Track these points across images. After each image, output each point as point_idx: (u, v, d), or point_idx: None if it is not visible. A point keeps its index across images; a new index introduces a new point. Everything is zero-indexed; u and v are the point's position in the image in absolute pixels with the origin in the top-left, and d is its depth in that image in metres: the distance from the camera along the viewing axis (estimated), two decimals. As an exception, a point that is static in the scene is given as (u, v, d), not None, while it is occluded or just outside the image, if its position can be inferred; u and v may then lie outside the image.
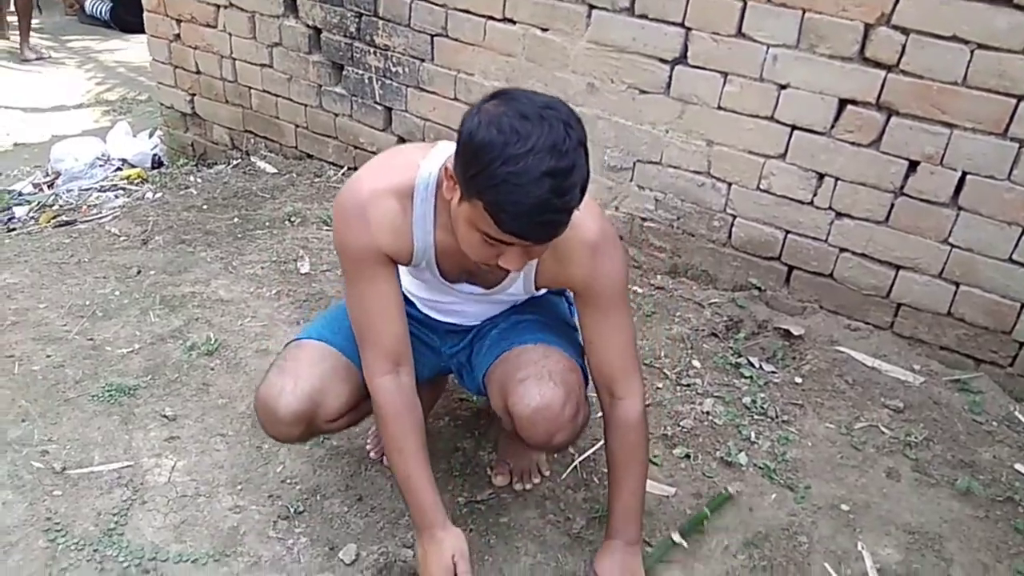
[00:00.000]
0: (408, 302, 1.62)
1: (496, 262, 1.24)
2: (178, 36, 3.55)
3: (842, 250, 2.35)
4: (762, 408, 2.11)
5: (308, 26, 3.14)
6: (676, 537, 1.67)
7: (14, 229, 3.22)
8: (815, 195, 2.32)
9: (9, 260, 2.70)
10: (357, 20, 3.00)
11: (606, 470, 1.56)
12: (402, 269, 1.49)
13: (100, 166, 3.96)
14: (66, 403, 1.99)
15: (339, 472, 1.84)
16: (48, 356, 2.15)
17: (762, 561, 1.69)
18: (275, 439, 1.57)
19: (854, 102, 2.17)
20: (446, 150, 1.35)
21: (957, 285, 2.21)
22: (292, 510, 1.72)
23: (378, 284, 1.41)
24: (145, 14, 3.63)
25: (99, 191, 3.60)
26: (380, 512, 1.74)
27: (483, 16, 2.67)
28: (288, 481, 1.80)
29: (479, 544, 1.68)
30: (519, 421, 1.47)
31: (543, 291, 1.58)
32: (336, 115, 3.25)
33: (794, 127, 2.28)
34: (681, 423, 2.06)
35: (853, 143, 2.21)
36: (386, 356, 1.43)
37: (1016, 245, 2.10)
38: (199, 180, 3.40)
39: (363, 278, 1.40)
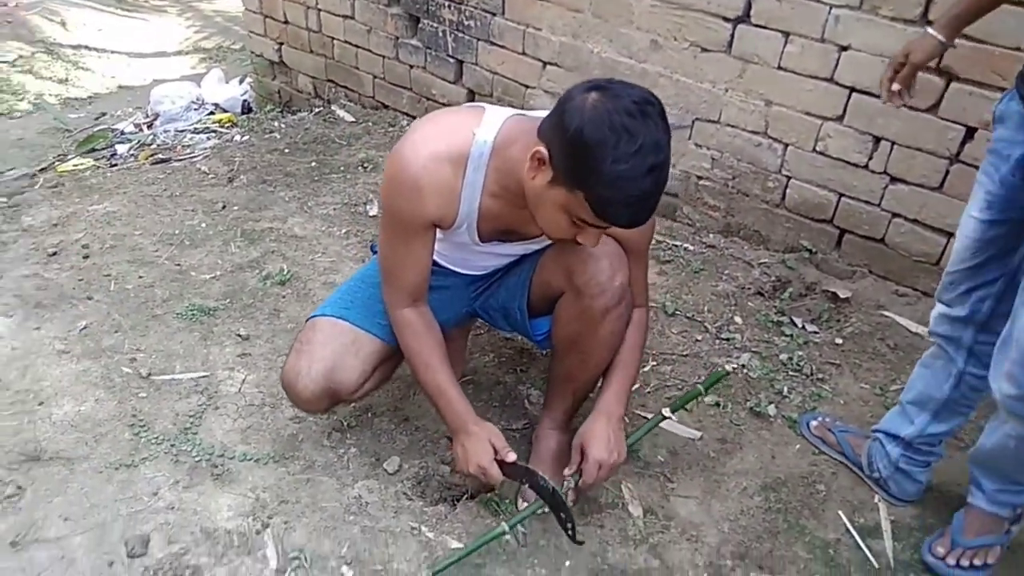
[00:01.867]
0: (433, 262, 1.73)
1: (574, 238, 1.36)
2: (269, -14, 3.74)
3: (895, 215, 2.36)
4: (798, 365, 2.17)
5: (388, -21, 3.27)
6: (666, 412, 1.75)
7: (116, 165, 3.50)
8: (870, 159, 2.33)
9: (110, 191, 2.96)
10: (434, -26, 3.11)
11: (632, 410, 1.66)
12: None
13: (195, 109, 4.23)
14: (154, 319, 2.22)
15: (390, 395, 2.01)
16: (140, 277, 2.39)
17: (777, 504, 1.77)
18: (307, 413, 1.73)
19: (915, 66, 2.17)
20: (497, 117, 1.44)
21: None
22: (345, 424, 1.90)
23: (414, 244, 1.52)
24: (239, -35, 3.83)
25: (193, 133, 3.86)
26: (423, 432, 1.90)
27: (553, -28, 2.74)
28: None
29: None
30: (581, 263, 1.52)
31: None
32: (411, 67, 3.38)
33: (853, 89, 2.29)
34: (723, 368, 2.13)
35: (911, 107, 2.20)
36: (408, 295, 1.57)
37: (1072, 217, 2.07)
38: (283, 126, 3.61)
39: (402, 237, 1.51)
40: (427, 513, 1.70)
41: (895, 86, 1.70)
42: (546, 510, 1.59)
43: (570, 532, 1.54)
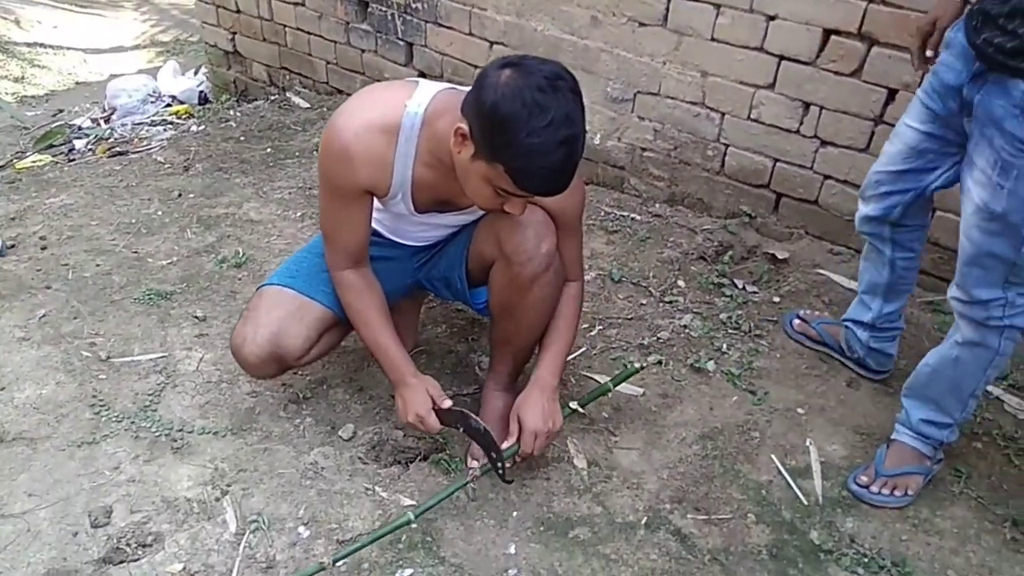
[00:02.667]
0: (374, 231, 1.80)
1: (501, 207, 1.45)
2: (219, -23, 3.77)
3: (826, 177, 2.46)
4: (736, 323, 2.27)
5: (335, -35, 3.32)
6: (573, 405, 1.82)
7: (73, 160, 3.53)
8: (801, 124, 2.43)
9: (67, 184, 3.00)
10: (380, -41, 3.16)
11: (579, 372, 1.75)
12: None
13: (152, 102, 4.24)
14: (112, 304, 2.27)
15: (344, 367, 2.08)
16: (98, 265, 2.44)
17: (714, 451, 1.87)
18: (255, 377, 1.80)
19: (838, 32, 2.26)
20: (428, 90, 1.52)
21: (934, 211, 2.31)
22: (301, 396, 1.97)
23: (350, 210, 1.60)
24: (188, -44, 3.84)
25: (150, 125, 3.88)
26: (377, 400, 1.98)
27: (494, -47, 2.80)
28: (299, 373, 2.04)
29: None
30: (509, 232, 1.59)
31: None
32: (363, 51, 3.43)
33: (782, 57, 2.38)
34: (659, 335, 2.23)
35: (836, 72, 2.30)
36: (348, 256, 1.65)
37: (988, 171, 2.18)
38: (238, 114, 3.65)
39: (339, 202, 1.59)
40: (381, 475, 1.78)
41: (928, 52, 1.70)
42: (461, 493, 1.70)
43: (500, 472, 1.64)
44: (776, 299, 2.38)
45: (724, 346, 2.19)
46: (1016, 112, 1.40)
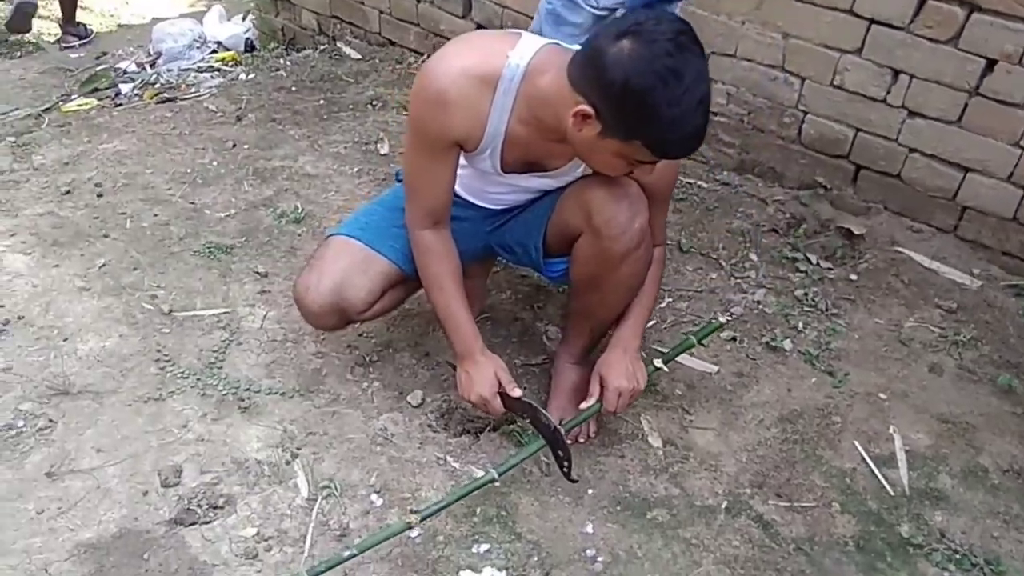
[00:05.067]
0: None
1: (630, 174, 1.41)
2: (270, -81, 3.64)
3: (911, 150, 2.34)
4: (813, 301, 2.19)
5: (395, -90, 3.19)
6: (658, 363, 1.75)
7: (120, 104, 3.46)
8: (888, 92, 2.31)
9: (118, 130, 2.94)
10: (443, -96, 3.03)
11: (649, 346, 1.69)
12: None
13: (197, 48, 4.15)
14: (171, 256, 2.22)
15: (410, 331, 2.03)
16: (155, 215, 2.39)
17: (794, 435, 1.81)
18: (317, 328, 1.74)
19: (937, -4, 2.13)
20: (532, 43, 1.43)
21: (1025, 195, 2.20)
22: (367, 359, 1.93)
23: (438, 163, 1.52)
24: None
25: (196, 71, 3.79)
26: (445, 367, 1.92)
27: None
28: (364, 335, 2.00)
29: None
30: (600, 204, 1.50)
31: None
32: (418, 1, 3.31)
33: (872, 21, 2.25)
34: (731, 310, 2.15)
35: (931, 39, 2.18)
36: (428, 214, 1.58)
37: (1092, 151, 2.07)
38: (288, 63, 3.55)
39: (426, 154, 1.51)
40: (451, 444, 1.74)
41: None
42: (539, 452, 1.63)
43: (566, 470, 1.57)
44: (853, 276, 2.28)
45: (800, 324, 2.11)
46: None
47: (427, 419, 1.79)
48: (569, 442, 1.61)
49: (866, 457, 1.76)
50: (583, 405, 1.64)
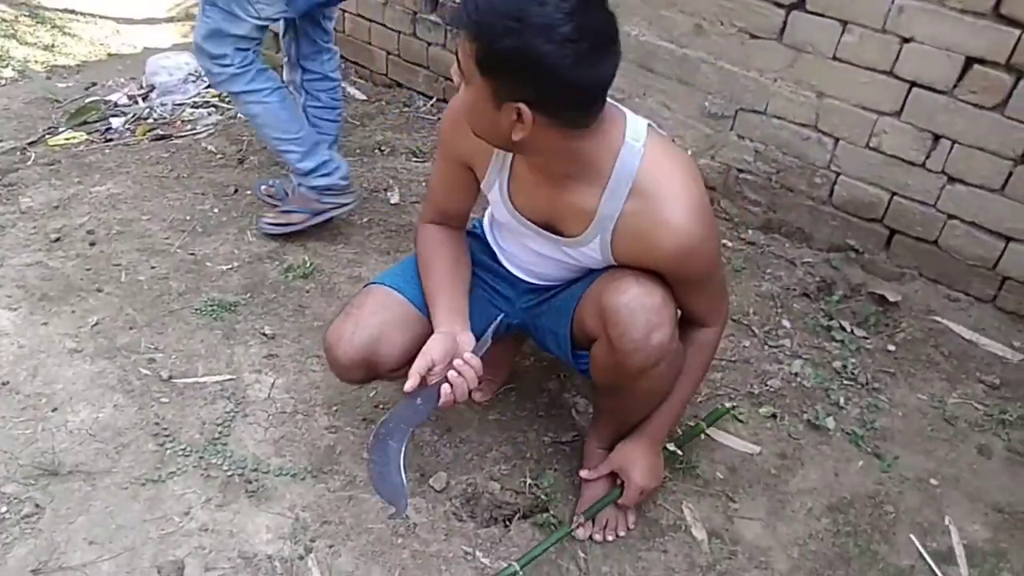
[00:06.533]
0: (489, 251, 1.66)
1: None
2: (275, -46, 3.53)
3: (951, 217, 2.26)
4: (852, 374, 2.07)
5: (408, -50, 3.09)
6: (671, 447, 1.70)
7: (111, 139, 3.30)
8: (928, 157, 2.22)
9: (111, 171, 2.78)
10: (458, -54, 2.94)
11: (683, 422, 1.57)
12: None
13: (192, 82, 4.00)
14: (170, 314, 2.07)
15: (429, 402, 1.88)
16: (152, 268, 2.23)
17: (846, 527, 1.68)
18: (341, 380, 1.62)
19: (982, 61, 2.05)
20: None
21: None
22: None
23: (451, 175, 1.53)
24: (244, -70, 3.61)
25: (192, 107, 3.65)
26: (468, 444, 1.78)
27: (591, -51, 2.58)
28: (381, 406, 1.85)
29: (564, 484, 1.72)
30: (615, 314, 1.36)
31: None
32: (429, 44, 3.21)
33: (914, 84, 2.17)
34: (768, 382, 2.04)
35: (976, 105, 2.10)
36: (438, 212, 1.59)
37: None
38: (290, 102, 3.42)
39: (443, 159, 1.54)
40: (480, 536, 1.59)
41: None
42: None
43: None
44: (891, 347, 2.18)
45: (841, 399, 2.00)
46: None
47: (452, 505, 1.64)
48: (610, 538, 1.58)
49: (924, 553, 1.64)
50: (602, 494, 1.62)
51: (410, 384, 1.38)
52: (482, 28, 1.13)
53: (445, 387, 1.41)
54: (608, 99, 1.27)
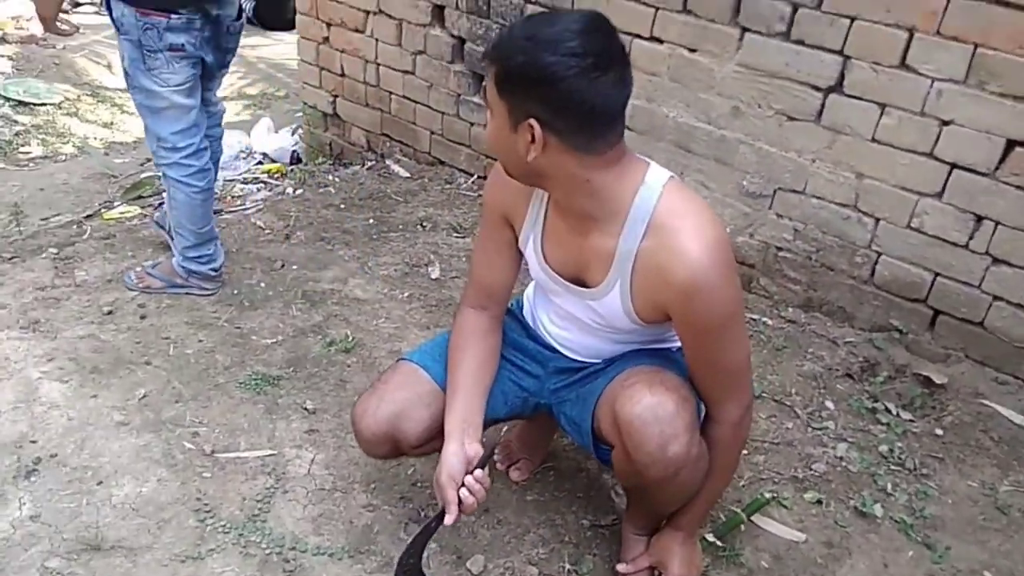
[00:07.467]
0: (523, 327, 1.67)
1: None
2: (327, 39, 3.70)
3: (996, 298, 2.23)
4: (899, 458, 2.02)
5: (453, 36, 3.21)
6: (710, 537, 1.71)
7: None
8: (971, 238, 2.21)
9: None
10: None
11: (727, 507, 1.54)
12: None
13: (243, 159, 4.16)
14: (216, 388, 2.11)
15: (467, 481, 1.87)
16: (200, 341, 2.29)
17: (898, 622, 1.62)
18: (367, 455, 1.65)
19: (1024, 144, 2.06)
20: None
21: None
22: (422, 515, 1.77)
23: (492, 239, 1.55)
24: (297, 16, 3.80)
25: (242, 183, 3.78)
26: (506, 526, 1.77)
27: (630, 34, 2.66)
28: (419, 484, 1.85)
29: (603, 570, 1.69)
30: (627, 425, 1.35)
31: (650, 325, 1.45)
32: (472, 124, 3.31)
33: (954, 165, 2.18)
34: (813, 466, 1.99)
35: (1019, 187, 2.09)
36: (479, 291, 1.58)
37: None
38: (336, 179, 3.53)
39: (485, 229, 1.57)
40: (519, 623, 1.56)
41: None
42: None
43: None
44: (938, 431, 2.13)
45: (888, 486, 1.94)
46: None
47: (490, 590, 1.62)
48: None
49: (983, 653, 1.57)
50: None
51: (451, 519, 1.40)
52: (500, 51, 1.22)
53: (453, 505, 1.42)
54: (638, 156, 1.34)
